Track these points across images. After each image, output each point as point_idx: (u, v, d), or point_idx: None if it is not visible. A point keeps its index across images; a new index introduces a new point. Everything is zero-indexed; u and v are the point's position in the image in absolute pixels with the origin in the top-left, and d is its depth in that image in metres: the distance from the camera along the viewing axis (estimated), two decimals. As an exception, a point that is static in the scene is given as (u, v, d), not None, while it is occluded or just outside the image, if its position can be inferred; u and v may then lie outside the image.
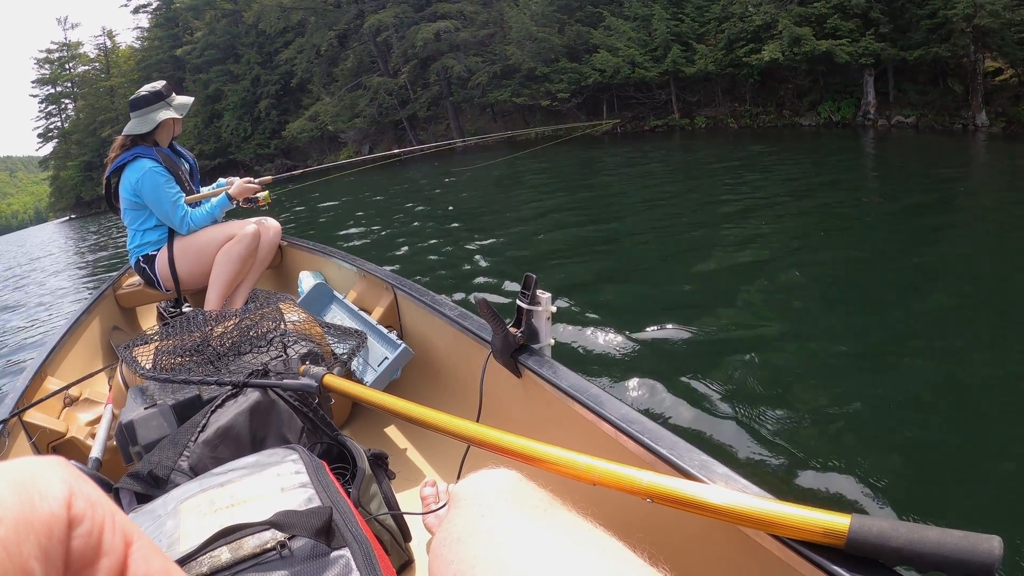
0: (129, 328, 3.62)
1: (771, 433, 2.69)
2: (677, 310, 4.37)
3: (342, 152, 37.47)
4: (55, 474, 0.28)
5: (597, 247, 6.81)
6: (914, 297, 4.27)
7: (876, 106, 19.51)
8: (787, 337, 3.77)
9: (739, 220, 7.27)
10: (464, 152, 26.95)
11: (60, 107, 66.06)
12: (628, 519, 0.99)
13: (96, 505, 0.28)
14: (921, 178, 9.74)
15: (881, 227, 6.47)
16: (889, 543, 0.71)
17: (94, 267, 14.88)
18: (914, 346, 3.53)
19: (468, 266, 6.46)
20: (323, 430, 1.51)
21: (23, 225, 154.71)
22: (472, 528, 0.79)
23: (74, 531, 0.26)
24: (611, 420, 1.17)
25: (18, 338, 7.87)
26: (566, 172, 15.05)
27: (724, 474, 0.96)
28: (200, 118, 46.89)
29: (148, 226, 3.17)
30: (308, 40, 38.20)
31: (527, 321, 1.48)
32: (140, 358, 1.88)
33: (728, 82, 23.33)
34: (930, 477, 2.43)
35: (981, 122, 16.42)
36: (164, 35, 53.40)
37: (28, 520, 0.25)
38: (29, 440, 2.05)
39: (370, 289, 2.77)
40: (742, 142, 18.25)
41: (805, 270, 5.05)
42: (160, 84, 3.19)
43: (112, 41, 66.56)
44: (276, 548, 0.85)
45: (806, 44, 18.99)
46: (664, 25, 23.39)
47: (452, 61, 31.11)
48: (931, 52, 17.26)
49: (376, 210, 12.86)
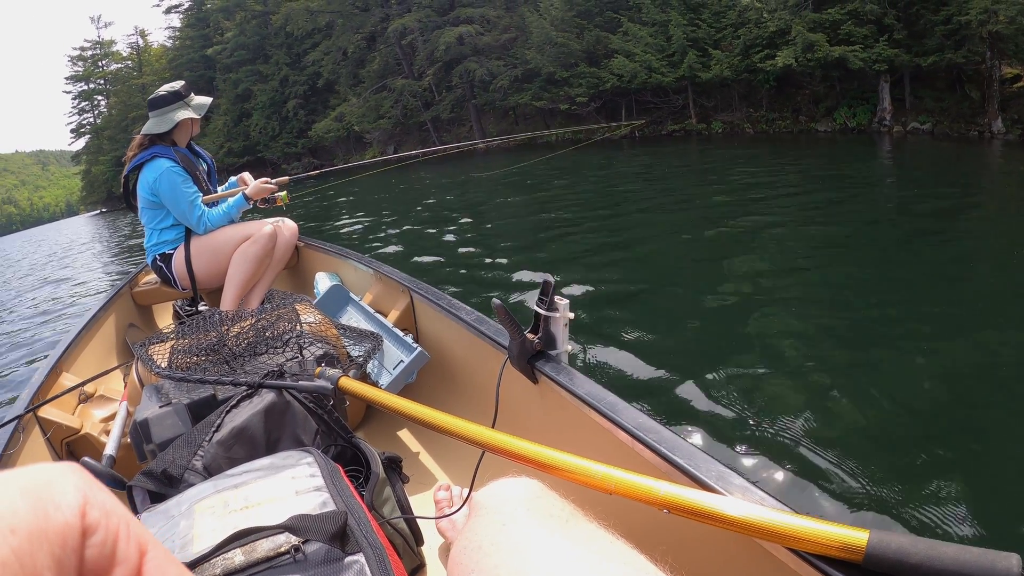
0: (145, 326, 3.64)
1: (788, 444, 2.67)
2: (695, 318, 4.36)
3: (367, 152, 38.01)
4: (69, 482, 0.27)
5: (616, 253, 6.79)
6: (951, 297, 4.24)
7: (892, 112, 19.34)
8: (806, 346, 3.75)
9: (754, 226, 7.24)
10: (486, 154, 27.41)
11: (93, 103, 67.71)
12: (643, 529, 0.98)
13: (111, 514, 0.28)
14: (930, 184, 9.78)
15: (893, 233, 6.45)
16: (908, 559, 0.70)
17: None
18: (936, 355, 3.50)
19: (485, 270, 6.45)
20: (338, 432, 1.51)
21: (55, 217, 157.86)
22: (494, 537, 0.78)
23: (88, 540, 0.26)
24: (627, 428, 1.16)
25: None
26: (586, 176, 15.06)
27: (742, 486, 0.94)
28: (230, 117, 47.89)
29: (165, 225, 3.19)
30: (334, 43, 39.25)
31: (544, 327, 1.47)
32: (156, 356, 1.89)
33: (745, 87, 23.27)
34: (952, 487, 2.40)
35: (997, 129, 16.23)
36: (195, 35, 54.42)
37: (42, 530, 0.24)
38: (44, 436, 2.07)
39: (386, 291, 2.77)
40: (757, 147, 18.29)
41: (828, 277, 5.04)
42: (179, 84, 3.21)
43: (144, 40, 68.32)
44: (290, 552, 0.85)
45: (819, 50, 18.92)
46: (681, 31, 23.43)
47: (474, 65, 31.64)
48: (945, 58, 17.13)
49: (394, 211, 12.89)
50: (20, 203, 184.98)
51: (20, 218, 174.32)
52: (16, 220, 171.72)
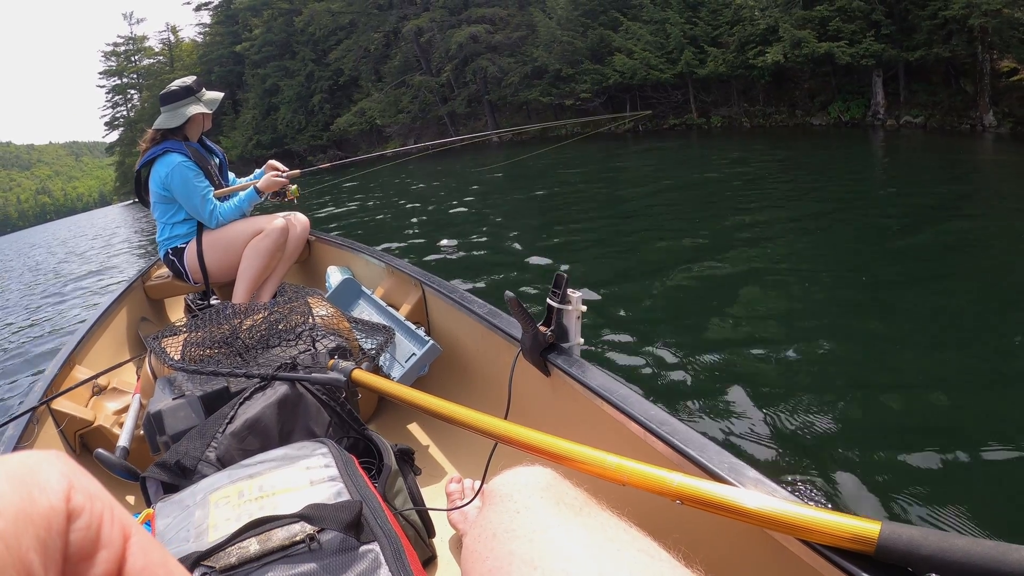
0: (157, 320, 3.66)
1: (799, 436, 2.67)
2: (705, 312, 4.35)
3: (388, 144, 39.28)
4: (54, 468, 0.27)
5: (624, 245, 6.81)
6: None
7: (886, 106, 19.64)
8: (812, 338, 3.74)
9: (752, 219, 7.29)
10: (500, 147, 28.54)
11: (126, 97, 69.86)
12: (656, 520, 0.98)
13: (95, 498, 0.28)
14: (910, 175, 10.05)
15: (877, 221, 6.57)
16: (919, 551, 0.70)
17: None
18: (942, 344, 3.49)
19: (499, 263, 6.45)
20: (350, 424, 1.52)
21: (88, 207, 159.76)
22: (508, 525, 0.79)
23: (73, 524, 0.26)
24: (640, 420, 1.16)
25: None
26: (592, 167, 15.33)
27: (754, 478, 0.94)
28: (258, 110, 49.85)
29: (177, 219, 3.20)
30: (355, 41, 41.00)
31: (557, 320, 1.47)
32: (168, 349, 1.90)
33: (743, 83, 23.85)
34: (962, 481, 2.40)
35: (988, 123, 16.32)
36: (225, 31, 56.08)
37: (27, 513, 0.24)
38: (57, 428, 2.08)
39: (398, 285, 2.78)
40: (753, 140, 18.82)
41: (827, 269, 5.04)
42: (191, 79, 3.21)
43: (175, 36, 70.17)
44: (305, 541, 0.85)
45: (806, 46, 19.49)
46: (678, 29, 24.24)
47: (487, 62, 33.05)
48: (932, 53, 17.36)
49: (410, 203, 12.93)
50: (54, 193, 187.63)
51: (54, 208, 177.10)
52: (51, 210, 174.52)
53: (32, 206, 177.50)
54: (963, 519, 2.17)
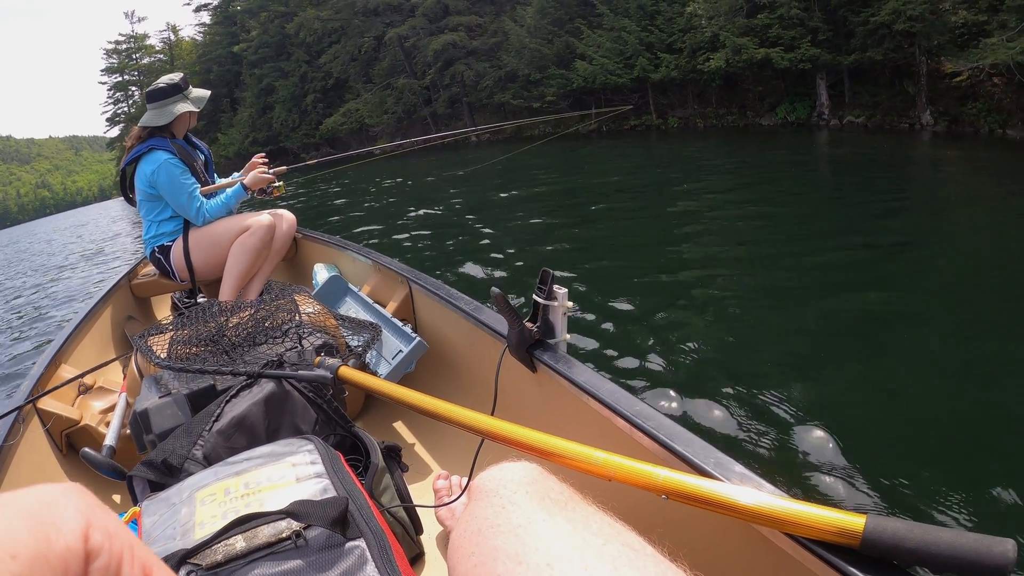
0: (144, 318, 3.64)
1: (784, 431, 2.68)
2: (690, 308, 4.36)
3: (377, 143, 40.86)
4: (71, 504, 0.27)
5: (592, 240, 7.02)
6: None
7: (830, 107, 21.02)
8: (792, 333, 3.76)
9: (701, 212, 7.74)
10: (478, 146, 30.64)
11: (127, 94, 69.83)
12: (643, 515, 0.98)
13: (114, 536, 0.27)
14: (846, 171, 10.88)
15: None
16: (904, 544, 0.70)
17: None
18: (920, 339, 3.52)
19: (483, 260, 6.45)
20: (337, 422, 1.52)
21: (87, 201, 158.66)
22: (493, 520, 0.78)
23: (91, 565, 0.26)
24: (626, 416, 1.16)
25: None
26: (563, 166, 16.09)
27: (740, 473, 0.95)
28: (254, 109, 52.11)
29: (163, 217, 3.19)
30: (343, 46, 43.93)
31: (543, 316, 1.47)
32: (155, 347, 1.89)
33: (697, 86, 25.64)
34: (943, 474, 2.41)
35: (926, 121, 17.37)
36: (223, 32, 57.72)
37: (43, 555, 0.24)
38: (43, 427, 2.07)
39: (385, 282, 2.77)
40: (706, 139, 20.29)
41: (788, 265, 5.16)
42: (178, 76, 3.19)
43: (176, 35, 71.13)
44: (291, 537, 0.85)
45: (746, 52, 21.13)
46: (634, 36, 26.37)
47: (463, 67, 36.04)
48: (866, 56, 18.69)
49: (395, 201, 13.00)
50: (54, 187, 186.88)
51: (54, 202, 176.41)
52: (50, 204, 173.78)
53: (32, 200, 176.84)
54: (948, 512, 2.19)
